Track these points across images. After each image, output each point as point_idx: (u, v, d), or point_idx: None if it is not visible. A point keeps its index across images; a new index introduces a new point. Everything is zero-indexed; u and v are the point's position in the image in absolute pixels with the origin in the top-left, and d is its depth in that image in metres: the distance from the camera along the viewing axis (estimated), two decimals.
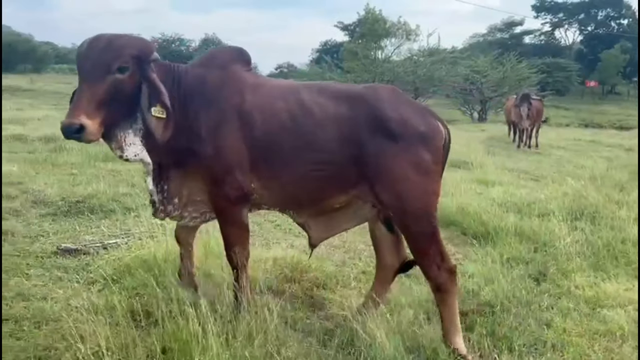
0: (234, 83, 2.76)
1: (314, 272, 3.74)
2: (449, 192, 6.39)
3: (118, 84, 2.43)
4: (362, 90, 2.84)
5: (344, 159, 2.68)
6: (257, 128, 2.68)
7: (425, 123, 2.73)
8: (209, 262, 3.63)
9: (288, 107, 2.72)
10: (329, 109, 2.72)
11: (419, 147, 2.66)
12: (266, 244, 4.57)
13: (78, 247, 4.10)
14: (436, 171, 2.75)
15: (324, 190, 2.77)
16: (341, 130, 2.68)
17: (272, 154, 2.70)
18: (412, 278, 3.86)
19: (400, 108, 2.73)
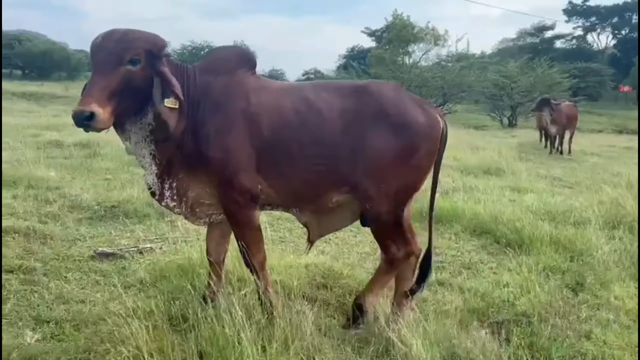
0: (239, 87, 2.79)
1: (346, 279, 3.73)
2: (480, 199, 6.33)
3: (129, 75, 2.46)
4: (366, 83, 2.96)
5: (344, 151, 2.75)
6: (264, 128, 2.73)
7: (424, 114, 2.84)
8: (244, 267, 3.65)
9: (293, 104, 2.79)
10: (333, 103, 2.80)
11: (418, 138, 2.78)
12: (296, 250, 4.58)
13: (114, 251, 4.17)
14: (427, 166, 2.90)
15: (326, 185, 2.84)
16: (346, 123, 2.76)
17: (279, 152, 2.76)
18: (446, 286, 3.83)
19: (401, 100, 2.86)
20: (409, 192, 2.92)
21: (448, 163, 9.60)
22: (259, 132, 2.73)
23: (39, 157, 7.54)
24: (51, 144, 9.83)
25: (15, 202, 5.35)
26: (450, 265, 4.45)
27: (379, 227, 2.96)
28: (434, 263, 4.41)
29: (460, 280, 4.05)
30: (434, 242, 3.22)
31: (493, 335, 3.01)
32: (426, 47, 33.40)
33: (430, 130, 2.83)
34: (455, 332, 2.85)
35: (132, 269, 3.91)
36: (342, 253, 4.57)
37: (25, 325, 2.96)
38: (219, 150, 2.69)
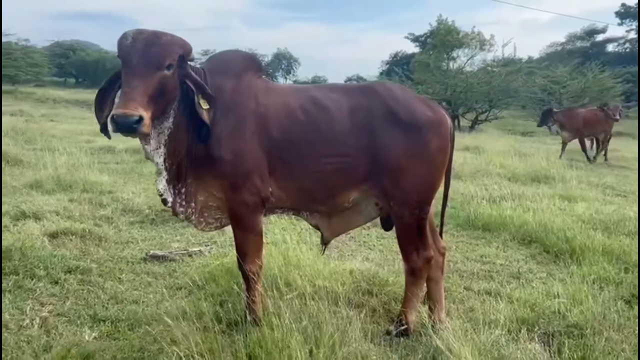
0: (248, 89, 2.82)
1: (391, 287, 3.72)
2: (529, 207, 6.18)
3: (165, 80, 2.46)
4: (373, 84, 3.02)
5: (357, 150, 2.79)
6: (273, 129, 2.75)
7: (432, 110, 2.88)
8: (289, 272, 3.70)
9: (301, 104, 2.82)
10: (342, 102, 2.83)
11: (428, 134, 2.82)
12: (341, 256, 4.60)
13: (165, 254, 4.30)
14: (442, 161, 2.91)
15: (337, 184, 2.85)
16: (356, 121, 2.79)
17: (288, 152, 2.77)
18: (494, 296, 3.76)
19: (409, 99, 2.90)
20: (428, 190, 2.91)
21: (495, 170, 9.43)
22: (268, 133, 2.75)
23: (92, 162, 7.84)
24: (103, 149, 10.22)
25: (72, 205, 5.58)
26: (498, 274, 4.37)
27: (403, 230, 2.96)
28: (481, 272, 4.39)
29: (509, 289, 3.97)
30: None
31: (543, 346, 2.95)
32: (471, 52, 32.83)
33: (439, 126, 2.87)
34: (504, 342, 2.80)
35: (182, 271, 4.01)
36: (387, 260, 4.56)
37: (83, 324, 3.09)
38: (229, 152, 2.70)
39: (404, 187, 2.84)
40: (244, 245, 2.89)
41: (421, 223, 2.95)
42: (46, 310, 3.20)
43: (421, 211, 2.92)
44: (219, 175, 2.75)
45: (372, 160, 2.81)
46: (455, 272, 4.36)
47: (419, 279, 3.06)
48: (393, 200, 2.88)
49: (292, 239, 4.31)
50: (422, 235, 2.97)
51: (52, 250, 4.09)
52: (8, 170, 7.68)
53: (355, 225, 3.24)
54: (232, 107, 2.77)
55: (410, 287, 3.08)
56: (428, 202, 2.95)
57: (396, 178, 2.82)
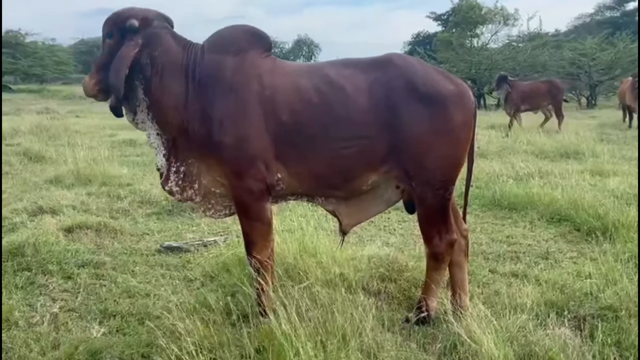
0: (252, 69, 2.66)
1: (411, 272, 3.55)
2: (558, 184, 5.93)
3: (108, 49, 2.69)
4: (389, 55, 2.80)
5: (376, 129, 2.63)
6: (282, 112, 2.61)
7: (453, 82, 2.73)
8: (304, 260, 3.57)
9: (314, 84, 2.65)
10: (357, 79, 2.66)
11: (451, 107, 2.66)
12: (359, 241, 4.46)
13: (180, 245, 4.22)
14: (466, 137, 2.75)
15: (355, 168, 2.70)
16: (374, 98, 2.63)
17: (300, 136, 2.62)
18: (521, 278, 3.58)
19: (428, 71, 2.74)
20: (452, 168, 2.74)
21: (522, 147, 9.12)
22: (276, 116, 2.60)
23: (113, 155, 7.86)
24: (125, 142, 10.26)
25: (90, 199, 5.56)
26: (525, 255, 4.17)
27: (425, 212, 2.79)
28: (508, 253, 4.19)
29: (536, 271, 3.78)
30: None
31: (574, 331, 2.76)
32: (495, 27, 32.07)
33: (462, 99, 2.70)
34: (532, 327, 2.63)
35: (196, 262, 3.93)
36: (407, 244, 4.39)
37: (93, 319, 3.02)
38: (232, 136, 2.59)
39: (427, 166, 2.68)
40: (250, 235, 2.77)
41: (445, 204, 2.78)
42: (57, 307, 3.14)
43: (445, 191, 2.75)
44: (221, 160, 2.65)
45: (392, 139, 2.65)
46: (480, 255, 4.17)
47: (441, 263, 2.89)
48: (415, 181, 2.71)
49: (310, 226, 4.18)
50: (445, 217, 2.81)
51: (67, 244, 4.05)
52: (30, 167, 7.77)
53: (375, 211, 3.04)
54: (234, 88, 2.64)
55: (432, 272, 2.92)
56: (452, 182, 2.78)
57: (419, 156, 2.66)
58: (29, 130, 10.73)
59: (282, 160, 2.67)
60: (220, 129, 2.60)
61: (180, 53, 2.70)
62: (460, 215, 3.12)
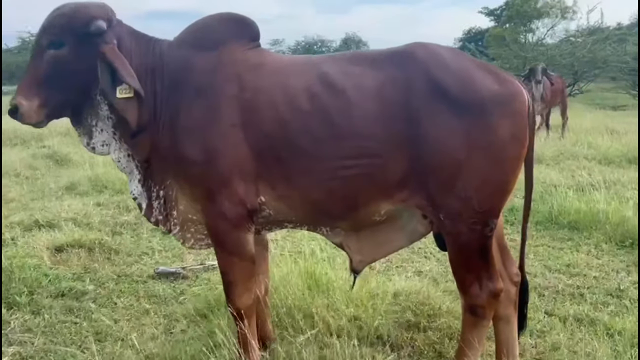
0: (229, 67, 2.15)
1: (445, 317, 2.86)
2: (628, 198, 5.03)
3: (56, 60, 2.10)
4: (410, 48, 2.14)
5: (389, 144, 2.02)
6: (264, 120, 2.08)
7: (499, 81, 2.05)
8: (313, 298, 2.93)
9: (307, 86, 2.08)
10: (365, 78, 2.06)
11: (494, 115, 1.99)
12: (386, 269, 3.77)
13: (176, 271, 3.67)
14: (515, 155, 2.06)
15: (359, 194, 2.11)
16: (386, 103, 2.02)
17: (288, 152, 2.08)
18: (585, 325, 2.81)
19: (464, 66, 2.07)
20: (494, 196, 2.08)
21: (581, 151, 8.12)
22: (258, 126, 2.08)
23: None
24: None
25: (95, 210, 5.10)
26: (590, 291, 3.39)
27: (458, 253, 2.15)
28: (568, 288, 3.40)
29: (606, 316, 3.02)
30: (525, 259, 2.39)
31: None
32: (552, 21, 30.31)
33: (510, 104, 2.02)
34: None
35: (190, 293, 3.36)
36: (445, 274, 3.66)
37: None
38: (200, 150, 2.09)
39: (460, 194, 2.03)
40: (228, 273, 2.25)
41: (485, 243, 2.13)
42: (10, 353, 2.62)
43: (485, 227, 2.09)
44: (189, 178, 2.17)
45: (411, 157, 2.03)
46: (533, 290, 3.40)
47: (481, 319, 2.21)
48: (444, 213, 2.07)
49: (324, 252, 3.55)
50: (486, 259, 2.15)
51: (49, 268, 3.56)
52: (54, 171, 7.50)
53: (395, 246, 2.39)
54: (205, 89, 2.14)
55: (470, 329, 2.24)
56: (495, 214, 2.10)
57: (448, 180, 2.02)
58: (61, 132, 10.54)
59: (267, 181, 2.14)
60: (187, 140, 2.12)
61: (145, 53, 2.21)
62: (509, 254, 2.41)
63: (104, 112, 2.19)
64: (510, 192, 2.11)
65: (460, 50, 2.23)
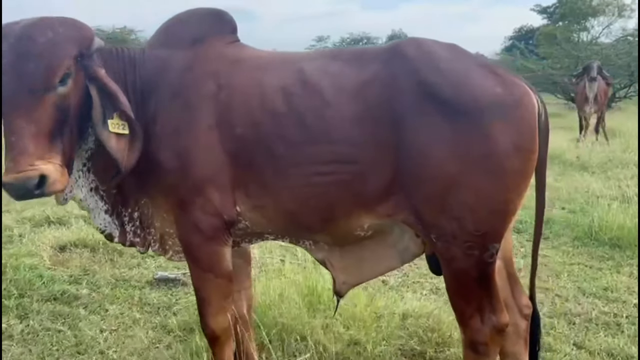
0: (206, 64, 1.95)
1: (455, 348, 2.54)
2: None
3: (63, 101, 1.71)
4: (400, 44, 1.91)
5: (369, 150, 1.81)
6: (238, 122, 1.88)
7: (501, 83, 1.79)
8: (308, 316, 2.67)
9: (283, 84, 1.89)
10: (344, 77, 1.86)
11: (494, 123, 1.73)
12: (401, 284, 3.46)
13: (176, 277, 3.49)
14: (519, 169, 1.78)
15: (337, 205, 1.89)
16: (365, 105, 1.81)
17: (261, 157, 1.88)
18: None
19: (460, 66, 1.83)
20: (496, 217, 1.81)
21: (632, 159, 7.52)
22: (232, 129, 1.88)
23: None
24: None
25: None
26: (629, 321, 3.01)
27: (454, 280, 1.91)
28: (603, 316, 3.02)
29: None
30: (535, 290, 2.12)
31: None
32: (608, 20, 28.95)
33: (514, 110, 1.76)
34: None
35: (186, 301, 3.16)
36: None
37: None
38: (172, 155, 1.89)
39: (453, 213, 1.77)
40: (201, 290, 2.05)
41: (485, 270, 1.86)
42: None
43: (484, 251, 1.82)
44: (163, 188, 1.97)
45: (396, 167, 1.80)
46: (562, 316, 3.05)
47: (484, 357, 1.93)
48: (435, 233, 1.82)
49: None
50: (488, 289, 1.89)
51: (48, 268, 3.44)
52: None
53: (384, 266, 2.14)
54: (179, 91, 1.94)
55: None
56: (495, 238, 1.83)
57: (438, 196, 1.78)
58: None
59: (242, 189, 1.94)
60: (161, 146, 1.91)
61: (115, 67, 1.95)
62: (518, 282, 2.13)
63: (88, 145, 1.93)
64: (515, 212, 1.84)
65: (456, 45, 1.94)
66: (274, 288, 2.81)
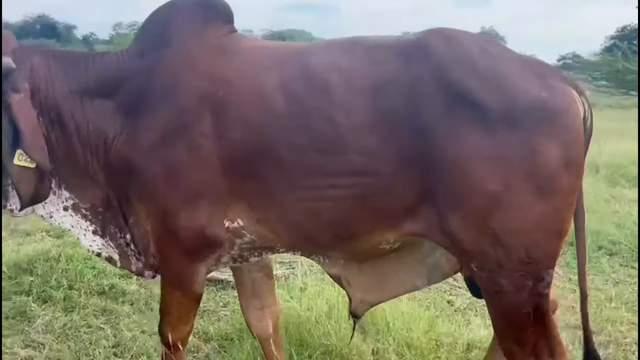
0: (199, 60, 1.76)
1: None
2: None
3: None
4: (424, 37, 1.67)
5: (391, 161, 1.60)
6: (234, 124, 1.68)
7: (546, 87, 1.57)
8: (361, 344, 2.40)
9: (284, 82, 1.67)
10: (360, 73, 1.64)
11: (537, 133, 1.53)
12: (468, 306, 3.09)
13: (226, 278, 3.32)
14: (570, 187, 1.57)
15: (355, 220, 1.68)
16: (384, 109, 1.59)
17: (263, 165, 1.68)
18: None
19: (496, 63, 1.61)
20: (550, 240, 1.59)
21: None
22: (228, 133, 1.68)
23: None
24: None
25: None
26: None
27: (502, 317, 1.67)
28: None
29: None
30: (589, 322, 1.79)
31: None
32: None
33: (561, 116, 1.54)
34: None
35: (232, 308, 2.99)
36: None
37: None
38: (158, 162, 1.71)
39: (498, 236, 1.55)
40: (166, 303, 1.92)
41: (540, 303, 1.63)
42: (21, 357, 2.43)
43: (538, 281, 1.60)
44: (142, 195, 1.78)
45: (424, 180, 1.59)
46: None
47: None
48: (476, 261, 1.61)
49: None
50: (544, 327, 1.64)
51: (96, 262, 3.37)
52: None
53: (408, 285, 1.93)
54: (168, 94, 1.75)
55: None
56: (550, 263, 1.61)
57: (478, 218, 1.56)
58: None
59: (244, 201, 1.74)
60: (140, 152, 1.75)
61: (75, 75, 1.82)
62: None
63: None
64: (566, 233, 1.62)
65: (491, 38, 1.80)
66: (321, 303, 2.56)
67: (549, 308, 1.65)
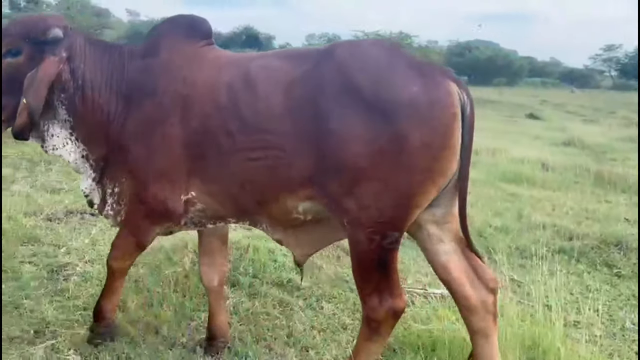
0: (179, 65, 2.29)
1: None
2: None
3: (12, 68, 2.25)
4: (335, 44, 2.27)
5: (294, 140, 2.08)
6: (195, 115, 2.22)
7: (421, 82, 1.98)
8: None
9: (230, 80, 2.21)
10: (279, 73, 2.16)
11: (404, 120, 1.95)
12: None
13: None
14: (427, 165, 1.97)
15: (267, 188, 2.17)
16: (293, 98, 2.09)
17: (210, 147, 2.20)
18: None
19: (386, 65, 2.06)
20: (397, 207, 2.02)
21: None
22: (189, 122, 2.22)
23: None
24: None
25: None
26: None
27: (357, 261, 2.15)
28: None
29: None
30: None
31: None
32: None
33: (427, 109, 1.96)
34: None
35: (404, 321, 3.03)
36: None
37: None
38: (143, 147, 2.27)
39: (361, 200, 2.02)
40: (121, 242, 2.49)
41: (385, 256, 2.09)
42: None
43: (384, 237, 2.05)
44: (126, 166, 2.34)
45: (317, 156, 2.05)
46: None
47: (375, 335, 2.15)
48: (346, 217, 2.07)
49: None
50: (386, 273, 2.10)
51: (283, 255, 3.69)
52: None
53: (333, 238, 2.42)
54: (155, 91, 2.29)
55: (362, 342, 2.20)
56: (396, 227, 2.05)
57: (349, 184, 2.02)
58: None
59: (197, 177, 2.28)
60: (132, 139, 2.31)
61: (101, 59, 2.41)
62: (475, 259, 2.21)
63: (61, 116, 2.36)
64: (419, 206, 2.04)
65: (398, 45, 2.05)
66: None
67: (393, 260, 2.08)
